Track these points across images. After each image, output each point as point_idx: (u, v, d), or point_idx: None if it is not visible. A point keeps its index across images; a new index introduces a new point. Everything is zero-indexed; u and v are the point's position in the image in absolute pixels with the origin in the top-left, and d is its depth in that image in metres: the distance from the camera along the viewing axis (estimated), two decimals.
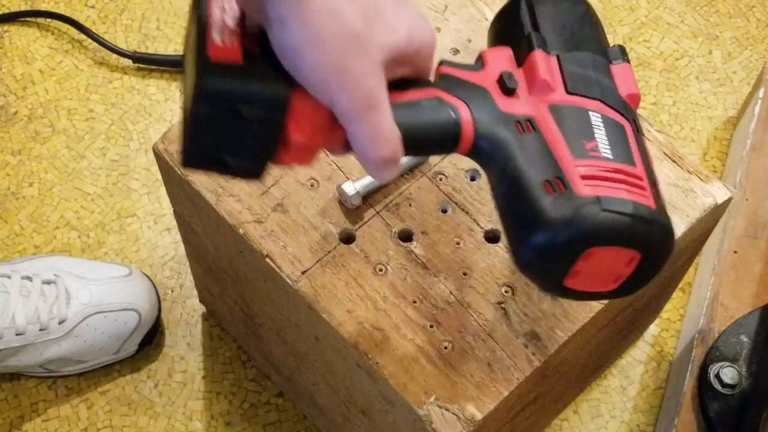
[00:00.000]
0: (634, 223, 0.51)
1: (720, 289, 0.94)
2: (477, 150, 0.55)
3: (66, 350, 0.91)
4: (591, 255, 0.52)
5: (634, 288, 0.55)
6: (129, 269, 0.95)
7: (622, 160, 0.54)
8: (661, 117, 1.12)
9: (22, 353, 0.90)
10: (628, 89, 0.57)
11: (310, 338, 0.73)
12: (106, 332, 0.92)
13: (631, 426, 0.96)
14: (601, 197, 0.51)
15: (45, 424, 0.95)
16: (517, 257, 0.54)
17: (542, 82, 0.55)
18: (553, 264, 0.52)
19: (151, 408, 0.95)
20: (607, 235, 0.51)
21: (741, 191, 0.98)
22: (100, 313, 0.91)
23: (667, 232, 0.53)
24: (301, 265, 0.68)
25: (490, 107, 0.55)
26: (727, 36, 1.17)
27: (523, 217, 0.53)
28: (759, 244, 0.96)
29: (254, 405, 0.96)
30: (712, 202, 0.72)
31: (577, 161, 0.53)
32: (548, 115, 0.55)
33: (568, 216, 0.51)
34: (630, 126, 0.56)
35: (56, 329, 0.89)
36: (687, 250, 0.78)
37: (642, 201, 0.52)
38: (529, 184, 0.52)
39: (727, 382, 0.87)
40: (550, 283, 0.54)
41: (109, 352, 0.93)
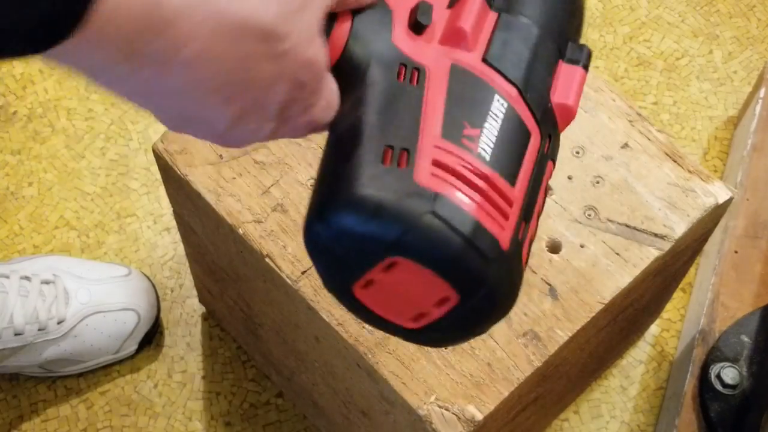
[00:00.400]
0: (466, 251, 0.38)
1: (721, 289, 0.94)
2: (338, 70, 0.43)
3: (65, 350, 0.91)
4: (395, 267, 0.39)
5: (439, 340, 0.43)
6: (128, 269, 0.95)
7: (500, 170, 0.41)
8: (661, 117, 1.11)
9: (21, 353, 0.89)
10: (563, 97, 0.45)
11: (310, 338, 0.73)
12: (105, 332, 0.92)
13: (632, 426, 0.95)
14: (440, 196, 0.39)
15: (44, 425, 0.94)
16: (306, 227, 0.41)
17: (459, 32, 0.43)
18: (343, 256, 0.40)
19: (150, 408, 0.95)
20: (423, 249, 0.38)
21: (742, 191, 0.98)
22: (99, 313, 0.91)
23: (507, 285, 0.40)
24: (301, 265, 0.68)
25: (382, 34, 0.43)
26: (728, 35, 1.17)
27: (335, 176, 0.40)
28: (760, 244, 0.96)
29: (254, 405, 0.96)
30: (713, 201, 0.71)
31: (441, 141, 0.41)
32: (444, 74, 0.43)
33: (386, 200, 0.38)
34: (538, 140, 0.44)
35: (55, 329, 0.89)
36: (688, 250, 0.78)
37: (492, 230, 0.39)
38: (366, 141, 0.40)
39: (728, 382, 0.87)
40: (335, 282, 0.42)
41: (108, 352, 0.93)
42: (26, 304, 0.88)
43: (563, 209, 0.70)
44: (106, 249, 1.02)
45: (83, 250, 1.02)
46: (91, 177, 1.06)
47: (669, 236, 0.70)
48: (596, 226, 0.70)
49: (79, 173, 1.06)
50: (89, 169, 1.07)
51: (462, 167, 0.40)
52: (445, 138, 0.41)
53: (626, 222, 0.70)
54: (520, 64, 0.44)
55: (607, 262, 0.69)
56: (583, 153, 0.72)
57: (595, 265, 0.68)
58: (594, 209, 0.70)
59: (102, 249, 1.02)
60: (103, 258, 1.02)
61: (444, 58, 0.43)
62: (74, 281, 0.92)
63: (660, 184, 0.72)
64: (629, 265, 0.69)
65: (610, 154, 0.72)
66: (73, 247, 1.02)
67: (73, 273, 0.92)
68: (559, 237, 0.69)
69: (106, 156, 1.07)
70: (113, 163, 1.07)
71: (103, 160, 1.07)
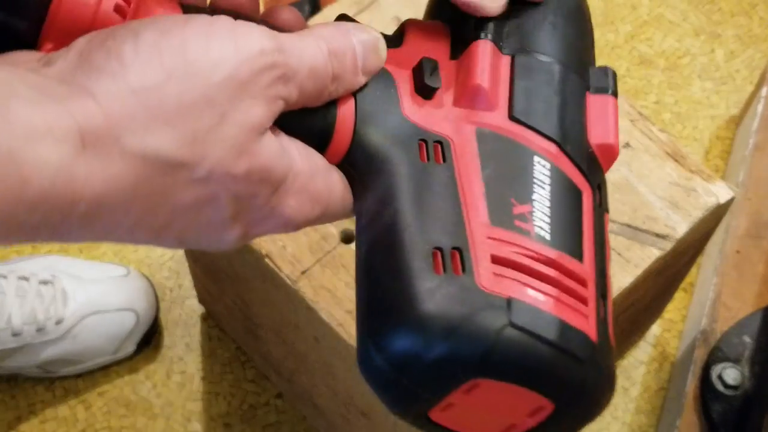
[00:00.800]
0: (557, 359, 0.33)
1: (722, 289, 0.93)
2: (351, 163, 0.37)
3: (63, 351, 0.91)
4: (477, 387, 0.33)
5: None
6: (126, 269, 0.94)
7: (564, 248, 0.35)
8: (663, 116, 1.11)
9: (19, 354, 0.89)
10: (603, 137, 0.39)
11: (309, 339, 0.73)
12: (104, 333, 0.91)
13: (633, 427, 0.95)
14: (513, 301, 0.33)
15: (42, 426, 0.94)
16: (363, 359, 0.35)
17: (477, 90, 0.37)
18: (413, 384, 0.34)
19: (149, 409, 0.95)
20: (509, 368, 0.33)
21: (743, 191, 0.98)
22: (97, 313, 0.91)
23: (605, 381, 0.35)
24: (300, 265, 0.68)
25: (390, 107, 0.37)
26: (730, 34, 1.17)
27: (386, 295, 0.34)
28: (762, 244, 0.95)
29: (253, 406, 0.95)
30: (715, 201, 0.71)
31: (493, 230, 0.35)
32: (472, 144, 0.37)
33: (455, 317, 0.33)
34: (590, 195, 0.38)
35: (53, 330, 0.89)
36: (689, 249, 0.78)
37: (577, 324, 0.34)
38: (410, 246, 0.34)
39: (730, 383, 0.87)
40: (406, 410, 0.36)
41: (106, 353, 0.93)
42: (24, 305, 0.88)
43: None
44: (104, 249, 1.02)
45: (81, 249, 1.02)
46: None
47: (670, 236, 0.69)
48: None
49: None
50: None
51: (525, 257, 0.34)
52: (495, 225, 0.35)
53: (628, 222, 0.70)
54: (551, 112, 0.38)
55: None
56: None
57: None
58: None
59: (101, 249, 1.02)
60: (102, 258, 1.01)
61: (465, 124, 0.37)
62: (72, 281, 0.91)
63: (661, 183, 0.71)
64: (631, 265, 0.68)
65: None
66: (71, 247, 1.02)
67: (71, 273, 0.92)
68: None
69: None
70: None
71: None
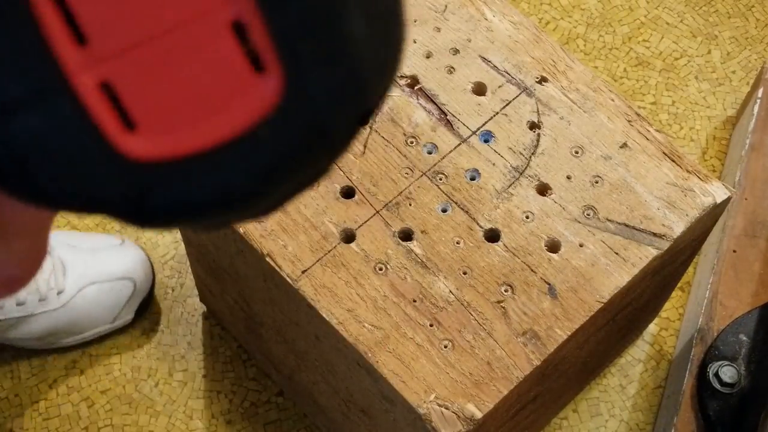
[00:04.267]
0: None
1: (719, 288, 0.94)
2: None
3: (64, 320, 0.92)
4: None
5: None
6: (121, 239, 0.96)
7: None
8: (660, 116, 1.12)
9: (22, 325, 0.91)
10: None
11: (310, 337, 0.73)
12: (102, 302, 0.93)
13: (631, 425, 0.96)
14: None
15: (46, 423, 0.95)
16: None
17: None
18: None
19: (151, 407, 0.96)
20: None
21: (740, 190, 0.99)
22: (95, 283, 0.93)
23: None
24: (301, 264, 0.69)
25: None
26: (726, 36, 1.17)
27: None
28: (758, 243, 0.96)
29: (255, 404, 0.96)
30: (712, 201, 0.72)
31: None
32: None
33: None
34: None
35: (55, 300, 0.91)
36: (686, 249, 0.78)
37: None
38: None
39: (726, 381, 0.87)
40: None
41: (105, 321, 0.95)
42: None
43: (562, 209, 0.71)
44: None
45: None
46: None
47: (668, 235, 0.70)
48: (595, 225, 0.70)
49: None
50: None
51: None
52: None
53: (625, 221, 0.70)
54: None
55: (606, 262, 0.69)
56: (582, 153, 0.73)
57: (594, 265, 0.69)
58: (593, 209, 0.71)
59: None
60: None
61: None
62: (69, 252, 0.93)
63: (659, 183, 0.72)
64: (628, 265, 0.69)
65: (609, 154, 0.73)
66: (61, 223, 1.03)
67: (67, 243, 0.94)
68: (558, 236, 0.70)
69: None
70: None
71: None
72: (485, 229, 0.70)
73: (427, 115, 0.74)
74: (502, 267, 0.69)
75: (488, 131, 0.73)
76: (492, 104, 0.74)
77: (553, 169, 0.72)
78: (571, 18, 1.17)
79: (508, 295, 0.68)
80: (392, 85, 0.28)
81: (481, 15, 0.78)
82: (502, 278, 0.68)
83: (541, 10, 1.18)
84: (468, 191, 0.71)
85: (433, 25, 0.78)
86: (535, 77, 0.76)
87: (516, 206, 0.71)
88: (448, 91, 0.75)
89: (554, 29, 1.16)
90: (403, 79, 0.75)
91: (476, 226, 0.70)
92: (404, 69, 0.75)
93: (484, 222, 0.70)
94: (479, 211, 0.71)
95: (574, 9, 1.18)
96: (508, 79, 0.75)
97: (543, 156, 0.73)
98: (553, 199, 0.71)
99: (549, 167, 0.72)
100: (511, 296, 0.68)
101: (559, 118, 0.74)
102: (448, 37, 0.77)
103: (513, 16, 0.78)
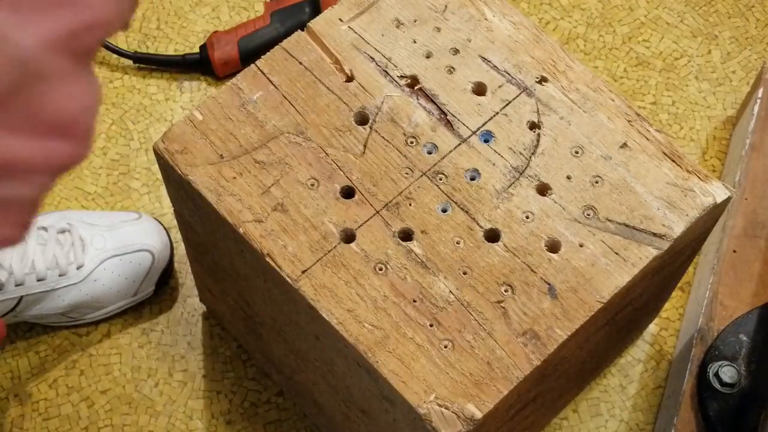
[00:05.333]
0: None
1: (719, 288, 0.94)
2: None
3: (86, 295, 0.93)
4: None
5: None
6: (138, 213, 0.97)
7: None
8: (660, 116, 1.12)
9: (45, 300, 0.92)
10: None
11: (310, 337, 0.73)
12: (123, 274, 0.94)
13: (631, 425, 0.96)
14: None
15: (46, 423, 0.95)
16: None
17: None
18: None
19: (151, 407, 0.96)
20: None
21: (740, 191, 0.99)
22: (115, 256, 0.94)
23: None
24: (301, 264, 0.69)
25: None
26: (727, 36, 1.17)
27: None
28: (758, 244, 0.96)
29: (255, 404, 0.96)
30: (712, 201, 0.72)
31: None
32: None
33: None
34: None
35: (75, 274, 0.92)
36: (686, 249, 0.78)
37: None
38: None
39: (726, 381, 0.87)
40: None
41: (127, 295, 0.96)
42: (46, 252, 0.91)
43: (562, 209, 0.71)
44: None
45: None
46: (93, 177, 1.07)
47: (668, 235, 0.70)
48: (595, 225, 0.70)
49: (80, 173, 1.07)
50: (90, 168, 1.07)
51: None
52: None
53: (625, 221, 0.70)
54: None
55: (606, 262, 0.69)
56: (582, 153, 0.73)
57: (594, 265, 0.69)
58: (593, 209, 0.71)
59: None
60: None
61: None
62: (88, 229, 0.94)
63: (659, 183, 0.72)
64: (628, 265, 0.69)
65: (609, 154, 0.73)
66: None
67: (85, 221, 0.95)
68: (558, 236, 0.70)
69: (107, 156, 1.08)
70: (114, 162, 1.07)
71: (104, 159, 1.07)
72: (485, 229, 0.70)
73: (427, 115, 0.74)
74: (502, 267, 0.69)
75: (488, 131, 0.73)
76: (492, 104, 0.74)
77: (553, 169, 0.72)
78: (571, 18, 1.17)
79: (508, 295, 0.68)
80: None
81: (481, 15, 0.78)
82: (502, 278, 0.68)
83: (541, 10, 1.18)
84: (468, 191, 0.71)
85: (433, 25, 0.78)
86: (535, 77, 0.76)
87: (516, 206, 0.71)
88: (448, 91, 0.75)
89: (554, 29, 1.16)
90: (403, 79, 0.75)
91: (476, 226, 0.70)
92: (404, 69, 0.76)
93: (484, 222, 0.70)
94: (479, 211, 0.71)
95: (574, 9, 1.18)
96: (508, 79, 0.75)
97: (543, 156, 0.73)
98: (553, 199, 0.71)
99: (549, 167, 0.72)
100: (511, 296, 0.68)
101: (559, 118, 0.74)
102: (448, 37, 0.77)
103: (513, 16, 0.78)
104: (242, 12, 1.16)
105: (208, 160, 0.72)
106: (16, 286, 0.90)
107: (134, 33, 1.15)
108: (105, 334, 0.98)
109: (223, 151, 0.72)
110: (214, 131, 0.73)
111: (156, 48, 1.14)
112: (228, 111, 0.74)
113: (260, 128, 0.73)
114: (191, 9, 1.16)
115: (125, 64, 1.13)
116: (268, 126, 0.73)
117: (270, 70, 0.76)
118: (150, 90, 1.12)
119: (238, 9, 1.17)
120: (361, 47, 0.76)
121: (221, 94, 0.75)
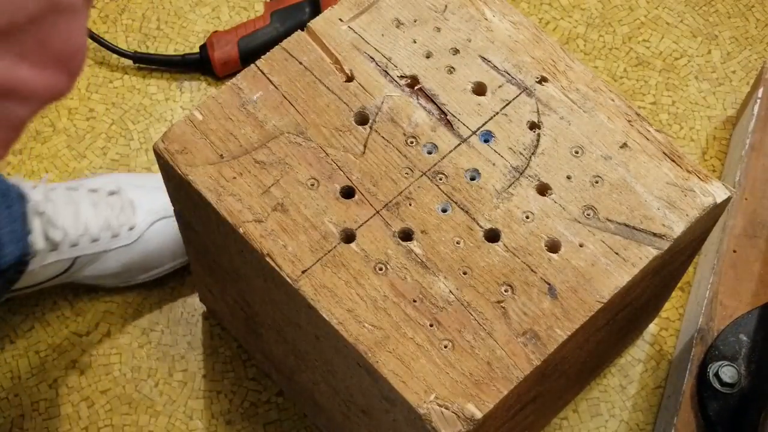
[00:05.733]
0: None
1: (719, 288, 0.94)
2: None
3: (138, 255, 0.94)
4: None
5: None
6: None
7: None
8: (660, 116, 1.12)
9: (98, 262, 0.93)
10: None
11: (310, 337, 0.73)
12: (173, 235, 0.95)
13: (631, 425, 0.96)
14: None
15: (46, 423, 0.95)
16: None
17: None
18: None
19: (151, 407, 0.96)
20: None
21: (740, 190, 0.99)
22: (164, 218, 0.95)
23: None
24: (301, 264, 0.69)
25: None
26: (727, 36, 1.17)
27: None
28: (758, 243, 0.96)
29: (254, 404, 0.96)
30: (712, 201, 0.72)
31: None
32: None
33: None
34: None
35: (127, 235, 0.93)
36: (686, 249, 0.78)
37: None
38: None
39: (727, 381, 0.87)
40: None
41: (177, 256, 0.97)
42: (98, 214, 0.91)
43: (562, 209, 0.71)
44: None
45: None
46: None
47: (668, 235, 0.70)
48: (595, 225, 0.70)
49: (80, 173, 1.07)
50: (90, 168, 1.07)
51: None
52: None
53: (625, 221, 0.70)
54: None
55: (606, 262, 0.69)
56: (582, 153, 0.73)
57: (594, 265, 0.69)
58: (593, 209, 0.71)
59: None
60: None
61: None
62: (137, 191, 0.95)
63: (659, 183, 0.72)
64: (628, 265, 0.69)
65: (609, 154, 0.73)
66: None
67: (134, 183, 0.96)
68: (558, 236, 0.70)
69: (107, 156, 1.08)
70: (114, 162, 1.07)
71: (105, 159, 1.07)
72: (485, 229, 0.70)
73: (427, 115, 0.74)
74: (502, 267, 0.69)
75: (488, 131, 0.73)
76: (492, 104, 0.74)
77: (553, 169, 0.72)
78: (571, 18, 1.17)
79: (508, 295, 0.68)
80: None
81: (481, 15, 0.78)
82: (502, 278, 0.68)
83: (541, 10, 1.18)
84: (468, 191, 0.71)
85: (433, 25, 0.78)
86: (535, 77, 0.76)
87: (516, 206, 0.71)
88: (448, 91, 0.75)
89: (554, 29, 1.16)
90: (403, 79, 0.75)
91: (476, 226, 0.70)
92: (404, 69, 0.76)
93: (484, 222, 0.70)
94: (479, 211, 0.71)
95: (574, 9, 1.18)
96: (508, 79, 0.76)
97: (543, 156, 0.73)
98: (553, 199, 0.71)
99: (549, 167, 0.72)
100: (511, 296, 0.68)
101: (559, 118, 0.74)
102: (448, 37, 0.77)
103: (513, 16, 0.78)
104: (242, 12, 1.16)
105: (208, 160, 0.72)
106: (70, 247, 0.90)
107: (134, 33, 1.15)
108: (105, 334, 0.98)
109: (223, 151, 0.72)
110: (214, 131, 0.73)
111: (156, 48, 1.14)
112: (228, 111, 0.74)
113: (260, 128, 0.73)
114: (191, 9, 1.16)
115: (125, 64, 1.13)
116: (268, 126, 0.73)
117: (270, 70, 0.76)
118: (150, 90, 1.12)
119: (238, 9, 1.17)
120: (361, 47, 0.76)
121: (221, 94, 0.75)
